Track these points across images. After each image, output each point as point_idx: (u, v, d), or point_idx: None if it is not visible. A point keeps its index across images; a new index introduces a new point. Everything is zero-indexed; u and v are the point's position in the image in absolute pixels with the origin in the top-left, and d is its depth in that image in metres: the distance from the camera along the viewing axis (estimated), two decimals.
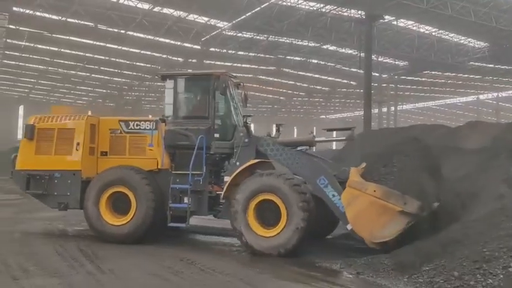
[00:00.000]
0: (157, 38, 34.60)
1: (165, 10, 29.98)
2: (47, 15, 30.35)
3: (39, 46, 37.95)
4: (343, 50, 37.71)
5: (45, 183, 8.95)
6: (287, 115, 72.94)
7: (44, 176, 8.95)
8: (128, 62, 41.60)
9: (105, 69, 44.63)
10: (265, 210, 7.89)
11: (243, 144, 8.53)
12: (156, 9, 29.64)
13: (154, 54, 40.00)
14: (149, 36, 34.55)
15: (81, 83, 51.16)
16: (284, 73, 45.82)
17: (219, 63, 41.71)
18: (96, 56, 39.87)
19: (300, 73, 46.06)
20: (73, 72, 45.47)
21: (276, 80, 49.36)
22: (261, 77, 48.36)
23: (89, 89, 55.22)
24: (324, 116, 75.99)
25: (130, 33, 33.33)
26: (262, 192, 7.83)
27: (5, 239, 8.91)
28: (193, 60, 39.89)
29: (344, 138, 9.12)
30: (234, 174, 8.23)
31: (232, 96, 9.28)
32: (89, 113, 13.14)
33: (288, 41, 35.87)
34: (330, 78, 48.42)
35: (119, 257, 7.47)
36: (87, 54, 39.49)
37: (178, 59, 40.89)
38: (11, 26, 33.13)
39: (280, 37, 34.77)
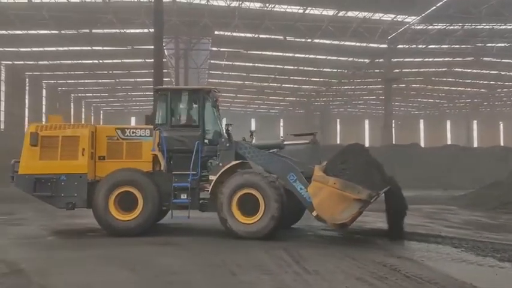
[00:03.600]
0: (342, 42, 34.89)
1: (350, 13, 30.02)
2: (242, 34, 33.50)
3: (237, 63, 42.05)
4: None
5: (52, 186, 9.72)
6: (490, 109, 65.34)
7: (51, 179, 9.72)
8: (315, 69, 42.87)
9: (294, 78, 46.83)
10: (246, 202, 9.37)
11: (225, 148, 9.97)
12: (341, 13, 29.90)
13: (340, 58, 40.40)
14: (334, 42, 35.07)
15: (273, 93, 54.69)
16: (484, 63, 41.21)
17: (407, 59, 39.84)
18: (285, 66, 42.20)
19: (505, 60, 40.78)
20: (266, 84, 48.96)
21: (474, 71, 44.76)
22: (456, 69, 44.51)
23: (280, 98, 58.65)
24: None
25: (317, 40, 34.33)
26: (245, 187, 9.38)
27: (212, 237, 9.75)
28: (380, 60, 38.95)
29: (308, 142, 10.70)
30: (220, 173, 9.68)
31: (216, 107, 10.68)
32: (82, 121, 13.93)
33: (488, 26, 32.17)
34: None
35: (323, 259, 7.61)
36: (277, 66, 42.11)
37: (365, 60, 40.44)
38: (213, 48, 37.62)
39: (479, 23, 31.42)
